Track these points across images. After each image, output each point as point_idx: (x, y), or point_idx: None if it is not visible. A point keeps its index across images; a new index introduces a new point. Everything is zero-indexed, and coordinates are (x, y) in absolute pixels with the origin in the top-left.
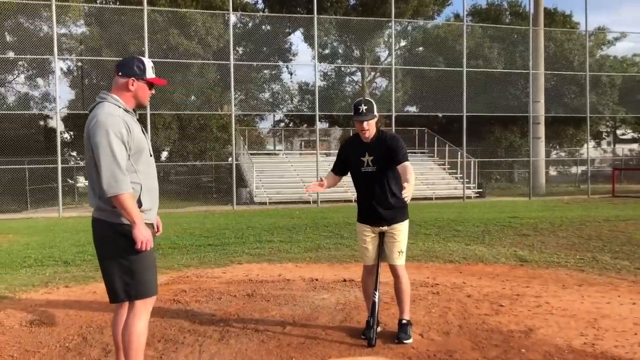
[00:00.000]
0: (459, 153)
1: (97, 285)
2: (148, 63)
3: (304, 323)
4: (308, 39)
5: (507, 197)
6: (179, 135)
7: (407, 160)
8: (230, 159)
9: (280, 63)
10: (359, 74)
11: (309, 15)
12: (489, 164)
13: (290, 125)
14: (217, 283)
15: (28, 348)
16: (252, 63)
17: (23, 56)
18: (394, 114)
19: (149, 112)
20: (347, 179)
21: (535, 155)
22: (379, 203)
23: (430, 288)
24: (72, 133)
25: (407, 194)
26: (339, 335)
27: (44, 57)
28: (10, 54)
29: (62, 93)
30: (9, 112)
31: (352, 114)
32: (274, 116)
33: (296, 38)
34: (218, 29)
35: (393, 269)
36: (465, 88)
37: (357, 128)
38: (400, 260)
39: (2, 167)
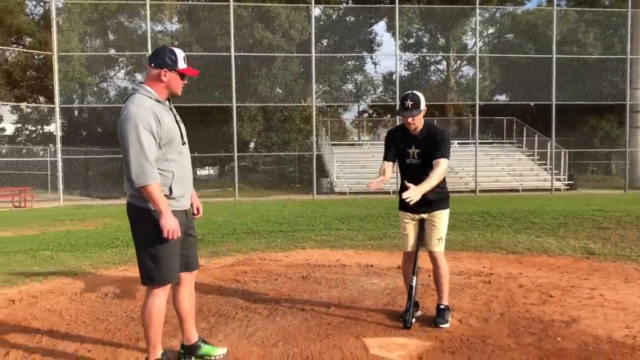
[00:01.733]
0: (549, 143)
1: None
2: (180, 54)
3: (348, 305)
4: (391, 28)
5: (602, 189)
6: (264, 126)
7: (445, 158)
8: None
9: (365, 54)
10: (444, 62)
11: (391, 5)
12: (583, 155)
13: (374, 115)
14: (277, 266)
15: (99, 316)
16: (334, 55)
17: (122, 53)
18: (477, 103)
19: (234, 104)
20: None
21: (634, 145)
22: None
23: (483, 277)
24: None
25: (409, 194)
26: (379, 317)
27: (141, 53)
28: (112, 51)
29: None
30: (110, 105)
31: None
32: (359, 107)
33: (380, 28)
34: (301, 22)
35: (432, 256)
36: (554, 75)
37: (404, 121)
38: (438, 247)
39: (104, 156)
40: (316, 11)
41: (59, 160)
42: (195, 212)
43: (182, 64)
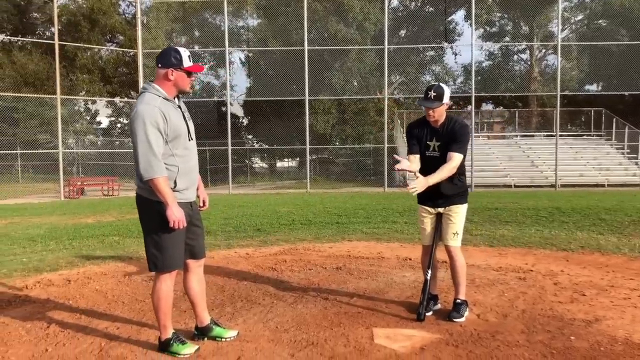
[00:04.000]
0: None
1: (217, 252)
2: (184, 53)
3: (371, 296)
4: (470, 17)
5: None
6: (338, 119)
7: (460, 153)
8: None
9: (445, 44)
10: (528, 52)
11: None
12: None
13: (453, 107)
14: (317, 256)
15: (138, 297)
16: (408, 46)
17: (205, 49)
18: (559, 94)
19: (307, 97)
20: (514, 163)
21: None
22: (439, 187)
23: (519, 274)
24: (248, 118)
25: (414, 185)
26: (397, 309)
27: (220, 49)
28: (196, 48)
29: (241, 82)
30: (195, 99)
31: (422, 97)
32: None
33: (460, 18)
34: (376, 14)
35: (447, 250)
36: None
37: (425, 113)
38: (454, 242)
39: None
40: (394, 2)
41: None
42: (202, 204)
43: (187, 62)
